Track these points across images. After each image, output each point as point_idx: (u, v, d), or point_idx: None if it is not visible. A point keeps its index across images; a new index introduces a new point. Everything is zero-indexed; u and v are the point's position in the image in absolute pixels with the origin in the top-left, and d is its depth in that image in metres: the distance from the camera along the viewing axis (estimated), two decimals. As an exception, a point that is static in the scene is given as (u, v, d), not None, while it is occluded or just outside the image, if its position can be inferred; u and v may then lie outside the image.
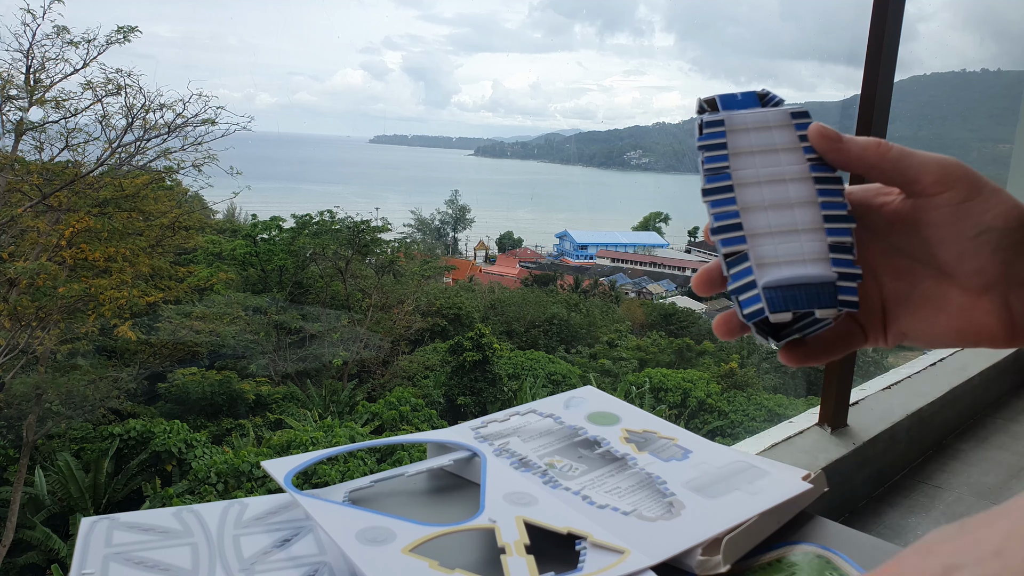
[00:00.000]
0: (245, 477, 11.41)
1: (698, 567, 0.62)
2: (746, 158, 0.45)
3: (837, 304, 0.43)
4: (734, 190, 0.44)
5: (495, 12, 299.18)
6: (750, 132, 0.45)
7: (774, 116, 0.46)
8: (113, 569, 0.58)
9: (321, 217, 18.88)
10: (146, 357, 14.61)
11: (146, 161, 12.61)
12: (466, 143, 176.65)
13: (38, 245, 11.66)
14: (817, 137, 0.45)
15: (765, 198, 0.44)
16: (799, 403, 17.04)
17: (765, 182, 0.45)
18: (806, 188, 0.44)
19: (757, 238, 0.44)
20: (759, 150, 0.45)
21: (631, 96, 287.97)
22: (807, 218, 0.44)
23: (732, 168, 0.45)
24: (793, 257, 0.43)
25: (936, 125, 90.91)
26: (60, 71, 11.85)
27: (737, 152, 0.45)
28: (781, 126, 0.46)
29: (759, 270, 0.43)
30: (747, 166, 0.45)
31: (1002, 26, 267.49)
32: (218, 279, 16.04)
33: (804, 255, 0.43)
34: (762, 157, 0.45)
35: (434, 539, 0.61)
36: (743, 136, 0.45)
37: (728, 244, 0.44)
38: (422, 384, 17.09)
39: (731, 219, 0.44)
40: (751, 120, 0.46)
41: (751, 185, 0.44)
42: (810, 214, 0.44)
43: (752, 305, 0.43)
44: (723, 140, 0.45)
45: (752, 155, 0.45)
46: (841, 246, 0.43)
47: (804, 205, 0.44)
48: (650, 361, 20.20)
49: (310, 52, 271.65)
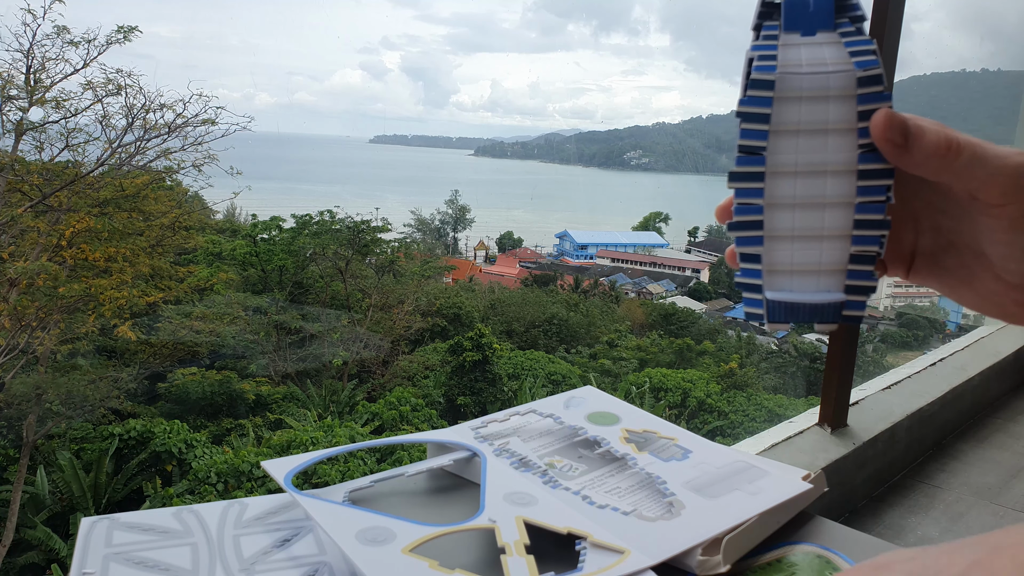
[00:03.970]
0: (245, 477, 11.41)
1: (698, 567, 0.62)
2: (789, 139, 0.39)
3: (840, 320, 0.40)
4: (764, 179, 0.39)
5: (492, 12, 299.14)
6: (802, 103, 0.39)
7: (836, 81, 0.38)
8: (113, 569, 0.58)
9: (321, 217, 18.89)
10: (146, 357, 14.61)
11: (146, 161, 12.62)
12: (466, 143, 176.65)
13: (38, 245, 11.66)
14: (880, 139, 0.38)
15: (797, 193, 0.39)
16: (799, 403, 17.05)
17: (802, 173, 0.39)
18: (846, 184, 0.39)
19: (775, 240, 0.40)
20: (807, 128, 0.39)
21: (630, 96, 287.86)
22: (837, 222, 0.39)
23: (769, 151, 0.39)
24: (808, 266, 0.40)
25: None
26: (60, 71, 11.86)
27: (780, 130, 0.39)
28: (842, 96, 0.38)
29: (768, 276, 0.40)
30: (787, 150, 0.39)
31: (995, 25, 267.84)
32: (218, 279, 16.04)
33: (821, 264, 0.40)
34: (808, 139, 0.39)
35: (434, 539, 0.61)
36: (792, 107, 0.39)
37: (744, 244, 0.40)
38: (422, 384, 17.09)
39: (753, 215, 0.40)
40: (808, 85, 0.38)
41: (785, 175, 0.39)
42: (841, 217, 0.39)
43: (752, 307, 0.41)
44: (767, 110, 0.39)
45: (797, 136, 0.39)
46: (864, 256, 0.40)
47: (838, 206, 0.39)
48: (650, 361, 20.20)
49: (310, 52, 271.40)
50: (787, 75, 0.38)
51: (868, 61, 0.38)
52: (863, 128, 0.38)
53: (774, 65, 0.39)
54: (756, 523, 0.66)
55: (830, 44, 0.39)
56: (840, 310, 0.40)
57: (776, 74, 0.38)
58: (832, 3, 0.39)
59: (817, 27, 0.39)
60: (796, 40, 0.39)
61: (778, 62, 0.39)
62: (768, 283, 0.40)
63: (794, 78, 0.38)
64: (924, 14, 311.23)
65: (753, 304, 0.41)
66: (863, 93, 0.38)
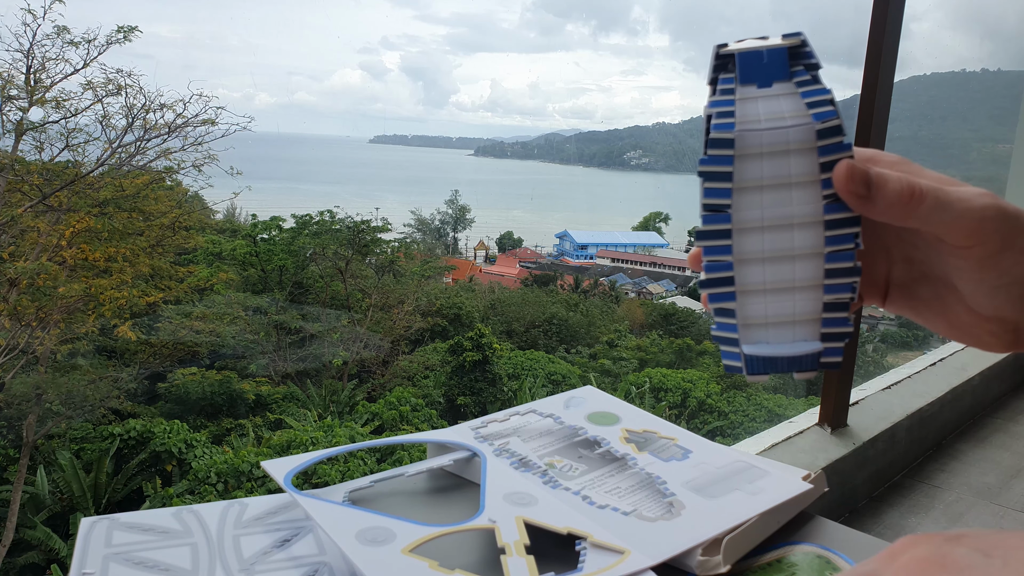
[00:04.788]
0: (245, 477, 11.41)
1: (698, 567, 0.62)
2: (752, 195, 0.39)
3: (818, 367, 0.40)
4: (732, 236, 0.39)
5: (492, 12, 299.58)
6: (763, 159, 0.38)
7: (796, 135, 0.38)
8: (113, 569, 0.58)
9: (321, 217, 18.89)
10: (146, 357, 14.61)
11: (146, 161, 12.63)
12: (466, 143, 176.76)
13: (38, 245, 11.66)
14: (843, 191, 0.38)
15: (765, 248, 0.39)
16: (799, 403, 17.05)
17: (769, 227, 0.39)
18: (814, 236, 0.39)
19: (748, 295, 0.40)
20: (769, 183, 0.39)
21: (630, 96, 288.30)
22: (807, 273, 0.39)
23: (734, 208, 0.39)
24: (783, 318, 0.40)
25: (936, 125, 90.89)
26: (60, 71, 11.87)
27: (743, 187, 0.39)
28: (802, 149, 0.38)
29: (744, 330, 0.40)
30: (752, 206, 0.39)
31: (995, 25, 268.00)
32: (218, 279, 16.04)
33: (795, 315, 0.40)
34: (772, 194, 0.39)
35: (434, 539, 0.61)
36: (754, 164, 0.38)
37: (716, 300, 0.40)
38: (422, 384, 17.09)
39: (723, 271, 0.40)
40: (768, 141, 0.38)
41: (752, 231, 0.39)
42: (811, 268, 0.39)
43: (731, 360, 0.41)
44: (729, 168, 0.38)
45: (761, 191, 0.39)
46: (838, 304, 0.40)
47: (807, 257, 0.39)
48: (650, 361, 20.21)
49: (310, 52, 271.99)
50: (746, 132, 0.38)
51: (825, 112, 0.38)
52: (826, 179, 0.38)
53: (732, 123, 0.38)
54: (756, 523, 0.66)
55: (787, 96, 0.38)
56: (818, 359, 0.40)
57: (735, 132, 0.38)
58: (785, 54, 0.39)
59: (772, 78, 0.39)
60: (753, 93, 0.39)
61: (736, 119, 0.38)
62: (744, 336, 0.40)
63: (753, 135, 0.38)
64: (923, 14, 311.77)
65: (731, 357, 0.41)
66: (823, 145, 0.38)
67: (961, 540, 0.31)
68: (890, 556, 0.31)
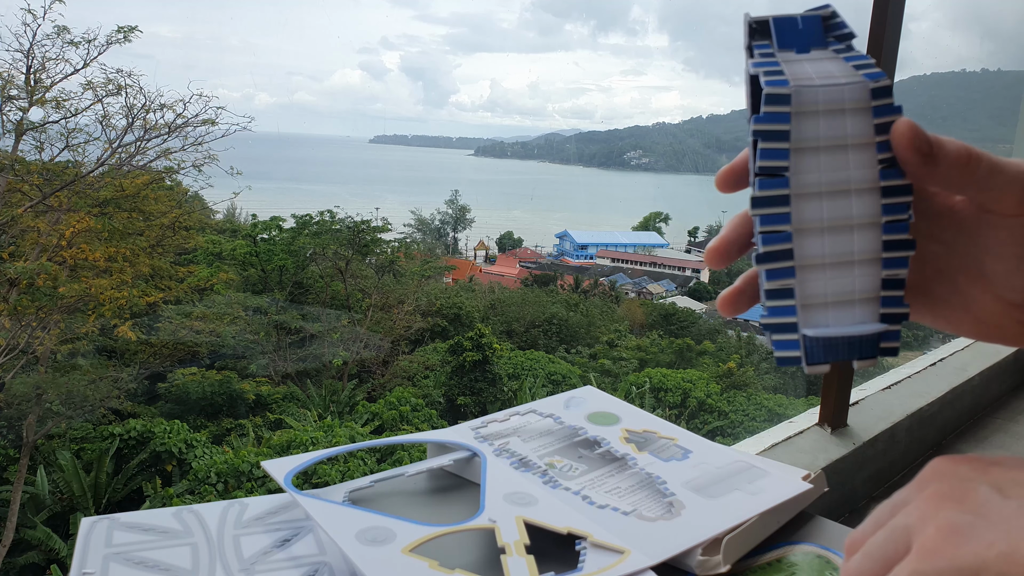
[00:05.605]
0: (245, 477, 11.41)
1: (698, 567, 0.62)
2: (811, 156, 0.36)
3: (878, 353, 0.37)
4: (790, 202, 0.36)
5: (491, 12, 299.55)
6: (820, 117, 0.35)
7: (851, 93, 0.35)
8: (113, 569, 0.58)
9: (321, 217, 18.88)
10: (146, 357, 14.60)
11: (146, 161, 12.62)
12: (466, 143, 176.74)
13: (38, 245, 11.66)
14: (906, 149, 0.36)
15: (825, 216, 0.36)
16: (799, 403, 17.06)
17: (827, 193, 0.36)
18: (871, 203, 0.36)
19: (807, 270, 0.36)
20: (827, 144, 0.36)
21: (630, 96, 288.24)
22: (866, 245, 0.36)
23: (793, 170, 0.36)
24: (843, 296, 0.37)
25: (936, 125, 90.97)
26: (60, 71, 11.86)
27: (801, 146, 0.36)
28: (857, 109, 0.36)
29: (804, 312, 0.36)
30: (810, 168, 0.36)
31: (994, 25, 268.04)
32: (218, 279, 16.03)
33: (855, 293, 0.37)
34: (829, 156, 0.36)
35: (434, 539, 0.61)
36: (811, 122, 0.35)
37: (774, 277, 0.36)
38: (422, 384, 17.09)
39: (782, 244, 0.36)
40: (823, 98, 0.35)
41: (811, 197, 0.36)
42: (870, 239, 0.36)
43: (787, 350, 0.37)
44: (787, 127, 0.35)
45: (818, 152, 0.36)
46: (894, 281, 0.37)
47: (865, 227, 0.36)
48: (650, 361, 20.21)
49: (310, 52, 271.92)
50: (802, 88, 0.35)
51: (876, 73, 0.36)
52: (881, 142, 0.36)
53: (786, 79, 0.35)
54: (756, 523, 0.66)
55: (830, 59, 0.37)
56: (878, 342, 0.37)
57: (791, 87, 0.35)
58: (820, 21, 0.38)
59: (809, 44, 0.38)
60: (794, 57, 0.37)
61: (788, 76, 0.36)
62: (804, 319, 0.37)
63: (809, 91, 0.35)
64: (922, 14, 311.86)
65: (787, 347, 0.37)
66: (877, 105, 0.36)
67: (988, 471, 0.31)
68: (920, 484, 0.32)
